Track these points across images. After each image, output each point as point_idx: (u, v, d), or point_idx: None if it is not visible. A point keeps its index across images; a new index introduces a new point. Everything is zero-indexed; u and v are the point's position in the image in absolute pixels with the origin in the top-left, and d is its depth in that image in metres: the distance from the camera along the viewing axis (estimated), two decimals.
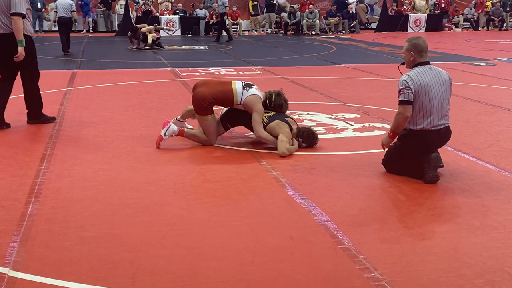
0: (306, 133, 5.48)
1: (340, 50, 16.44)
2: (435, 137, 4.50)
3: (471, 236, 3.50)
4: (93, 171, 4.75)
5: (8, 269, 3.02)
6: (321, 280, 2.95)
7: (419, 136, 4.48)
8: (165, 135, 5.45)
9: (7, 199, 4.09)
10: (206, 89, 5.47)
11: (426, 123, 4.44)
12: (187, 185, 4.46)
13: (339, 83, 9.80)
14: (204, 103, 5.40)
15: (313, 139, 5.50)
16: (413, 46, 4.57)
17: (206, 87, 5.50)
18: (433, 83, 4.46)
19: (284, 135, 5.30)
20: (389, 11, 25.13)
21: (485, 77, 10.50)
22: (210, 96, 5.40)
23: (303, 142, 5.46)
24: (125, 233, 3.51)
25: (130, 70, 11.62)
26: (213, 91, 5.44)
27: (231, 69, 11.79)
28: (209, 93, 5.41)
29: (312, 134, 5.51)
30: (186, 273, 3.01)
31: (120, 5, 22.92)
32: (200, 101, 5.41)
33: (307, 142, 5.47)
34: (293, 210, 3.92)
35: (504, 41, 19.73)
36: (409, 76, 4.50)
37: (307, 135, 5.47)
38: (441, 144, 4.68)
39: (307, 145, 5.47)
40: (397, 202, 4.10)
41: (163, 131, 5.45)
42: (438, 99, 4.46)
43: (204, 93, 5.42)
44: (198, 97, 5.44)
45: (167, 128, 5.45)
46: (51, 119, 6.65)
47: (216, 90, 5.46)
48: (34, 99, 6.57)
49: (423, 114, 4.43)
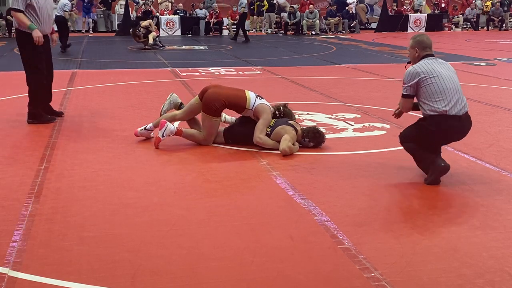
0: (311, 132, 5.47)
1: (340, 50, 16.44)
2: (456, 122, 4.40)
3: (471, 236, 3.50)
4: (93, 171, 4.76)
5: (8, 269, 3.02)
6: (321, 280, 2.95)
7: (439, 121, 4.37)
8: (163, 136, 5.44)
9: (7, 199, 4.09)
10: (220, 90, 5.50)
11: (443, 106, 4.33)
12: (187, 185, 4.46)
13: (339, 83, 9.80)
14: (216, 104, 5.40)
15: (320, 137, 5.49)
16: (417, 42, 4.56)
17: (220, 89, 5.54)
18: (442, 69, 4.45)
19: (289, 135, 5.30)
20: (389, 11, 25.13)
21: (485, 77, 10.50)
22: (223, 98, 5.41)
23: (309, 141, 5.45)
24: (125, 233, 3.51)
25: (130, 70, 11.62)
26: (227, 94, 5.46)
27: (231, 69, 11.78)
28: (223, 95, 5.43)
29: (318, 132, 5.50)
30: (186, 273, 3.01)
31: (120, 5, 22.92)
32: (212, 101, 5.41)
33: (314, 141, 5.46)
34: (293, 210, 3.92)
35: (504, 41, 19.74)
36: (416, 66, 4.47)
37: (313, 134, 5.46)
38: (463, 132, 4.56)
39: (314, 144, 5.46)
40: (397, 202, 4.10)
41: (160, 133, 5.43)
42: (450, 80, 4.40)
43: (218, 94, 5.44)
44: (211, 97, 5.44)
45: (165, 128, 5.44)
46: (50, 119, 6.60)
47: (230, 93, 5.48)
48: (30, 98, 6.56)
49: (437, 96, 4.35)
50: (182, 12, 23.24)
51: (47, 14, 6.47)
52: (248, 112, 5.48)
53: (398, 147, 5.55)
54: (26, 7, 6.29)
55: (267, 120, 5.43)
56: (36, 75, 6.51)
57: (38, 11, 6.35)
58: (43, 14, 6.42)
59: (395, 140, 5.80)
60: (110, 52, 15.50)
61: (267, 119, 5.43)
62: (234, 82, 9.94)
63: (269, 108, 5.51)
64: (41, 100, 6.60)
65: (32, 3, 6.29)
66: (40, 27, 6.40)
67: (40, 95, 6.58)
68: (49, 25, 6.62)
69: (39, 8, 6.36)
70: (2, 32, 20.90)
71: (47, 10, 6.50)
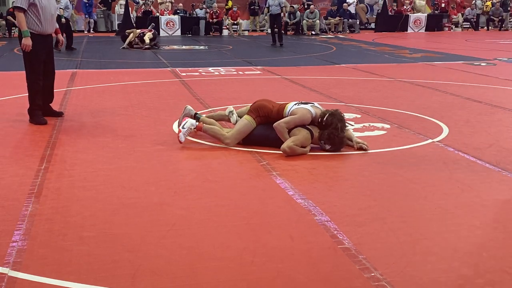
0: (326, 134, 5.19)
1: (340, 50, 16.44)
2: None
3: (471, 236, 3.50)
4: (93, 171, 4.76)
5: (8, 269, 3.02)
6: (321, 280, 2.95)
7: None
8: (183, 128, 5.47)
9: (7, 199, 4.09)
10: (269, 104, 5.57)
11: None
12: (187, 185, 4.46)
13: (339, 83, 9.80)
14: (264, 110, 5.48)
15: (336, 139, 5.19)
16: None
17: (269, 102, 5.61)
18: None
19: (296, 137, 5.18)
20: (389, 11, 25.13)
21: (485, 77, 10.50)
22: (269, 108, 5.48)
23: (325, 144, 5.24)
24: (125, 233, 3.51)
25: (130, 70, 11.62)
26: (275, 106, 5.53)
27: (231, 69, 11.79)
28: (271, 108, 5.50)
29: (333, 134, 5.16)
30: (186, 273, 3.01)
31: (120, 5, 22.94)
32: (262, 107, 5.50)
33: (330, 143, 5.22)
34: (293, 210, 3.92)
35: (504, 41, 19.73)
36: None
37: (327, 136, 5.19)
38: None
39: (331, 147, 5.24)
40: (397, 202, 4.10)
41: (181, 126, 5.53)
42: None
43: (268, 103, 5.56)
44: (262, 104, 5.55)
45: (185, 122, 5.53)
46: (42, 121, 6.55)
47: (276, 113, 5.47)
48: (29, 97, 6.60)
49: None
50: (182, 12, 23.24)
51: (50, 14, 6.49)
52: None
53: (398, 147, 5.58)
54: (29, 6, 6.32)
55: (297, 118, 5.26)
56: (33, 75, 6.56)
57: (40, 11, 6.38)
58: (46, 14, 6.44)
59: (395, 140, 5.82)
60: (110, 52, 15.50)
61: (297, 118, 5.26)
62: (234, 82, 9.96)
63: (307, 110, 5.32)
64: (38, 99, 6.60)
65: (35, 2, 6.32)
66: (43, 26, 6.44)
67: (36, 95, 6.58)
68: (52, 25, 6.63)
69: (42, 8, 6.39)
70: (2, 32, 20.91)
71: (50, 10, 6.52)
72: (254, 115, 5.48)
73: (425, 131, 6.18)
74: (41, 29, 6.44)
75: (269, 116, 5.47)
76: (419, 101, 7.98)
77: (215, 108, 7.35)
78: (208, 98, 8.18)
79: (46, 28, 6.51)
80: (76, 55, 14.30)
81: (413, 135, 6.03)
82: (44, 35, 6.52)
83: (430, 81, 9.95)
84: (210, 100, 8.01)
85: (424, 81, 9.95)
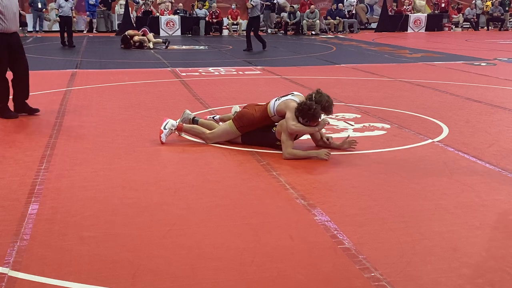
0: (299, 110, 5.10)
1: (340, 50, 16.44)
2: None
3: (471, 236, 3.50)
4: (93, 171, 4.75)
5: (8, 269, 3.02)
6: (321, 280, 2.95)
7: None
8: (165, 129, 5.57)
9: (7, 199, 4.09)
10: (252, 110, 5.51)
11: None
12: (187, 185, 4.46)
13: (339, 83, 9.80)
14: (244, 120, 5.45)
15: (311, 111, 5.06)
16: None
17: (253, 110, 5.54)
18: None
19: (288, 141, 5.14)
20: (389, 11, 25.13)
21: (485, 77, 10.50)
22: (254, 117, 5.44)
23: (304, 120, 5.13)
24: (125, 233, 3.51)
25: (130, 70, 11.62)
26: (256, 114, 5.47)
27: (231, 69, 11.79)
28: (253, 114, 5.46)
29: (307, 106, 5.07)
30: (186, 273, 3.01)
31: (120, 5, 22.92)
32: (243, 116, 5.48)
33: (307, 118, 5.11)
34: (293, 210, 3.92)
35: (504, 41, 19.73)
36: None
37: (301, 111, 5.09)
38: None
39: (308, 120, 5.12)
40: (397, 202, 4.09)
41: (162, 127, 5.63)
42: None
43: (253, 111, 5.50)
44: (243, 112, 5.53)
45: (166, 122, 5.64)
46: (12, 115, 6.85)
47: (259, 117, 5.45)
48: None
49: None
50: (182, 12, 23.24)
51: (12, 13, 6.75)
52: (274, 118, 5.40)
53: (398, 147, 5.58)
54: None
55: (292, 107, 5.17)
56: None
57: (2, 10, 6.62)
58: (9, 12, 6.71)
59: (395, 140, 5.82)
60: (110, 52, 15.50)
61: (292, 107, 5.17)
62: (234, 82, 9.96)
63: (291, 100, 5.26)
64: (5, 95, 6.87)
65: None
66: (6, 25, 6.68)
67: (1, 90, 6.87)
68: (15, 23, 6.87)
69: (4, 7, 6.64)
70: None
71: (12, 8, 6.77)
72: (238, 125, 5.47)
73: (425, 131, 6.18)
74: (4, 28, 6.67)
75: (252, 123, 5.45)
76: (419, 101, 7.98)
77: (215, 108, 7.35)
78: (208, 98, 8.19)
79: (10, 26, 6.74)
80: (76, 55, 14.30)
81: (413, 135, 6.03)
82: (8, 34, 6.74)
83: (430, 81, 9.95)
84: (210, 100, 8.01)
85: (424, 81, 9.95)
